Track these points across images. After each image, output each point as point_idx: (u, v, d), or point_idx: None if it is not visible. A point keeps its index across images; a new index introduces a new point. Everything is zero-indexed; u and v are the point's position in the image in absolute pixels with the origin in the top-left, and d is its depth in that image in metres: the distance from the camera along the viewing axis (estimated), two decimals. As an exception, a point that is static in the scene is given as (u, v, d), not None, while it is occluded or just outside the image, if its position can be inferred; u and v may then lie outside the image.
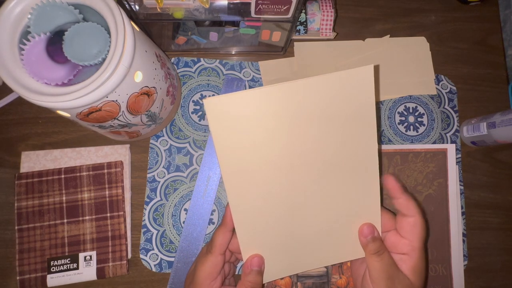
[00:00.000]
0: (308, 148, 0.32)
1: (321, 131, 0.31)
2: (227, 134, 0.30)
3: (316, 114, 0.31)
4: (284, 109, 0.30)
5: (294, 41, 0.54)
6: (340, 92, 0.30)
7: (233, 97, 0.30)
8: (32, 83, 0.32)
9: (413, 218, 0.33)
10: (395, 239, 0.34)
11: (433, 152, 0.50)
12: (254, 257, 0.33)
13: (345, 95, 0.30)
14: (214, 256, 0.33)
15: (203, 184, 0.49)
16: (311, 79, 0.30)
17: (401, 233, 0.33)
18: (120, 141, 0.49)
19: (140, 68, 0.35)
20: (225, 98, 0.29)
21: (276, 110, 0.30)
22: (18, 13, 0.33)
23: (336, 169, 0.32)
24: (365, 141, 0.32)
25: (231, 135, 0.30)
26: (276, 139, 0.31)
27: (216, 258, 0.33)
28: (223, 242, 0.33)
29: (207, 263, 0.33)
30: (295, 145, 0.31)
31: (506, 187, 0.52)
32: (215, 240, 0.34)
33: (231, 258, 0.37)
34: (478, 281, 0.49)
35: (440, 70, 0.55)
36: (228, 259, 0.36)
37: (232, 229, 0.34)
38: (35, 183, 0.46)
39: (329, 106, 0.31)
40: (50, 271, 0.44)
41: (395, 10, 0.57)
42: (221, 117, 0.30)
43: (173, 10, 0.42)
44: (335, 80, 0.30)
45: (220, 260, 0.33)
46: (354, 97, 0.30)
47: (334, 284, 0.46)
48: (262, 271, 0.33)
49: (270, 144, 0.31)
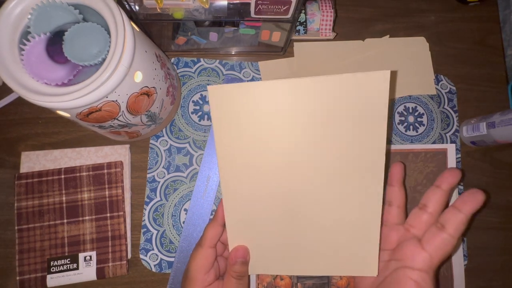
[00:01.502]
0: (310, 147, 0.31)
1: (326, 131, 0.30)
2: (228, 123, 0.30)
3: (323, 114, 0.30)
4: (290, 104, 0.29)
5: (293, 41, 0.54)
6: (353, 93, 0.29)
7: (238, 87, 0.29)
8: (32, 83, 0.32)
9: (450, 237, 0.29)
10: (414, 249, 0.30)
11: (433, 152, 0.50)
12: (239, 248, 0.34)
13: (358, 98, 0.29)
14: (204, 249, 0.34)
15: (203, 184, 0.49)
16: (322, 77, 0.28)
17: (426, 245, 0.29)
18: (120, 141, 0.49)
19: (140, 68, 0.35)
20: (230, 87, 0.29)
21: (281, 105, 0.29)
22: (18, 13, 0.33)
23: (338, 172, 0.31)
24: (372, 147, 0.30)
25: (232, 125, 0.30)
26: (278, 134, 0.30)
27: (207, 251, 0.34)
28: (213, 236, 0.34)
29: (198, 256, 0.34)
30: (297, 142, 0.31)
31: (506, 187, 0.52)
32: (205, 233, 0.34)
33: (224, 253, 0.37)
34: (478, 281, 0.49)
35: (439, 70, 0.55)
36: (221, 253, 0.36)
37: (223, 224, 0.34)
38: (35, 183, 0.46)
39: (339, 107, 0.29)
40: (50, 271, 0.44)
41: (395, 11, 0.57)
42: (223, 106, 0.29)
43: (173, 11, 0.42)
44: (349, 81, 0.28)
45: (211, 253, 0.34)
46: (367, 101, 0.29)
47: (335, 284, 0.46)
48: (247, 262, 0.34)
49: (271, 139, 0.31)
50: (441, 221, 0.29)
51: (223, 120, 0.30)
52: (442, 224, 0.29)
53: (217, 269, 0.35)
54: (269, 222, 0.33)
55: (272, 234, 0.34)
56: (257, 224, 0.33)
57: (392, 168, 0.35)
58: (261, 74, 0.53)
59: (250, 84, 0.29)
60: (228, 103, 0.29)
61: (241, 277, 0.33)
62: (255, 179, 0.32)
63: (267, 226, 0.33)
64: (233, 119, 0.30)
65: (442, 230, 0.29)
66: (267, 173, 0.32)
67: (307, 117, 0.30)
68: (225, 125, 0.30)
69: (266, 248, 0.34)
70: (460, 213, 0.28)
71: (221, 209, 0.34)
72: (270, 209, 0.33)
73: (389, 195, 0.35)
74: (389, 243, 0.33)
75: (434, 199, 0.31)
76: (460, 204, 0.29)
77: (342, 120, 0.30)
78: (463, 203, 0.29)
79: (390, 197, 0.35)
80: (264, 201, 0.33)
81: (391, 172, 0.35)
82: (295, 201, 0.33)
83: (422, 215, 0.31)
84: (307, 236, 0.33)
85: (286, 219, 0.33)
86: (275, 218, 0.33)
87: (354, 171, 0.31)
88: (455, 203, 0.29)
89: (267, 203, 0.33)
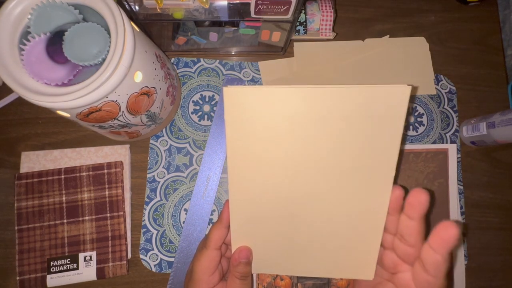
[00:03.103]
0: (321, 154, 0.31)
1: (339, 140, 0.30)
2: (240, 126, 0.30)
3: (338, 123, 0.30)
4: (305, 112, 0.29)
5: (293, 41, 0.54)
6: (370, 106, 0.29)
7: (255, 90, 0.29)
8: (32, 83, 0.32)
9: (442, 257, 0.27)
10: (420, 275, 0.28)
11: (434, 152, 0.50)
12: (243, 249, 0.33)
13: (375, 110, 0.29)
14: (209, 250, 0.34)
15: (203, 184, 0.49)
16: (342, 88, 0.28)
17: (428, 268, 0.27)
18: (120, 141, 0.49)
19: (140, 68, 0.35)
20: (246, 89, 0.29)
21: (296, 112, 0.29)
22: (18, 13, 0.33)
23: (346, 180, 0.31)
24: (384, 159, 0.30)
25: (245, 128, 0.30)
26: (290, 141, 0.31)
27: (212, 253, 0.34)
28: (218, 238, 0.34)
29: (203, 258, 0.34)
30: (308, 150, 0.31)
31: (506, 187, 0.52)
32: (210, 235, 0.34)
33: (226, 253, 0.37)
34: (478, 280, 0.49)
35: (439, 70, 0.55)
36: (223, 253, 0.36)
37: (228, 226, 0.34)
38: (35, 183, 0.46)
39: (355, 118, 0.29)
40: (50, 271, 0.44)
41: (395, 11, 0.57)
42: (237, 108, 0.29)
43: (173, 11, 0.42)
44: (368, 93, 0.28)
45: (216, 255, 0.34)
46: (384, 114, 0.29)
47: (335, 285, 0.46)
48: (251, 262, 0.34)
49: (282, 145, 0.31)
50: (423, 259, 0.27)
51: (236, 122, 0.30)
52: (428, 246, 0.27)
53: (220, 270, 0.35)
54: (273, 224, 0.33)
55: (275, 235, 0.34)
56: (262, 226, 0.33)
57: None
58: (261, 74, 0.53)
59: (266, 88, 0.29)
60: (243, 105, 0.29)
61: (245, 278, 0.33)
62: (263, 182, 0.32)
63: (271, 227, 0.34)
64: (246, 122, 0.30)
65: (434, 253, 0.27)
66: (275, 177, 0.32)
67: (321, 125, 0.30)
68: (237, 127, 0.30)
69: (269, 248, 0.34)
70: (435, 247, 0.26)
71: (226, 211, 0.34)
72: (275, 212, 0.33)
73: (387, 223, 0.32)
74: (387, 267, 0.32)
75: (410, 232, 0.29)
76: (409, 212, 0.28)
77: (356, 131, 0.30)
78: (412, 209, 0.28)
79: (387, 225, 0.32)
80: (270, 204, 0.33)
81: None
82: (300, 205, 0.33)
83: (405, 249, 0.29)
84: (309, 238, 0.34)
85: (290, 222, 0.33)
86: (280, 220, 0.33)
87: (362, 180, 0.31)
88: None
89: (273, 206, 0.33)
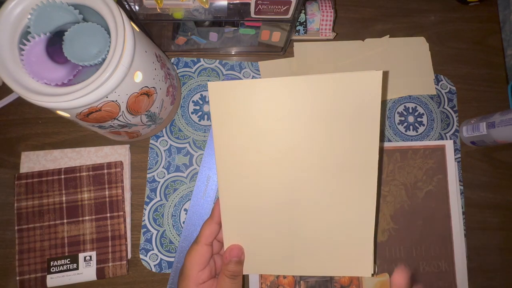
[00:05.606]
0: (306, 145, 0.31)
1: (322, 129, 0.31)
2: (226, 120, 0.30)
3: (318, 112, 0.30)
4: (287, 102, 0.30)
5: (293, 41, 0.54)
6: (346, 93, 0.30)
7: (238, 84, 0.29)
8: (32, 83, 0.32)
9: None
10: None
11: (432, 149, 0.50)
12: (234, 247, 0.34)
13: (351, 97, 0.30)
14: (200, 245, 0.34)
15: (203, 184, 0.49)
16: (317, 76, 0.29)
17: None
18: (120, 141, 0.49)
19: (140, 68, 0.35)
20: (229, 83, 0.29)
21: (278, 102, 0.30)
22: (18, 13, 0.33)
23: (332, 170, 0.32)
24: (366, 146, 0.31)
25: (231, 122, 0.30)
26: (275, 132, 0.31)
27: (202, 248, 0.34)
28: (209, 233, 0.34)
29: (193, 253, 0.34)
30: (293, 140, 0.31)
31: (506, 187, 0.52)
32: (201, 231, 0.34)
33: (221, 251, 0.37)
34: (478, 280, 0.49)
35: (439, 70, 0.55)
36: (217, 251, 0.36)
37: (219, 222, 0.34)
38: (35, 183, 0.46)
39: (333, 105, 0.30)
40: (50, 272, 0.44)
41: (395, 11, 0.57)
42: (222, 102, 0.30)
43: (173, 11, 0.42)
44: (343, 80, 0.29)
45: (206, 250, 0.34)
46: (360, 100, 0.30)
47: (337, 282, 0.46)
48: (242, 261, 0.34)
49: (268, 136, 0.31)
50: None
51: (222, 117, 0.30)
52: None
53: (212, 267, 0.35)
54: (265, 222, 0.33)
55: (267, 233, 0.34)
56: (253, 223, 0.34)
57: (394, 276, 0.30)
58: (261, 74, 0.53)
59: (248, 81, 0.30)
60: (227, 99, 0.30)
61: (235, 277, 0.33)
62: (252, 177, 0.32)
63: (262, 225, 0.34)
64: (232, 116, 0.30)
65: None
66: (263, 171, 0.32)
67: (303, 114, 0.31)
68: (223, 121, 0.31)
69: (261, 247, 0.34)
70: None
71: (217, 207, 0.34)
72: (266, 208, 0.33)
73: None
74: None
75: None
76: None
77: (336, 118, 0.30)
78: None
79: None
80: (260, 201, 0.33)
81: (393, 279, 0.30)
82: (290, 201, 0.33)
83: None
84: (302, 236, 0.34)
85: (281, 219, 0.33)
86: (271, 218, 0.33)
87: (348, 170, 0.32)
88: None
89: (263, 203, 0.33)
